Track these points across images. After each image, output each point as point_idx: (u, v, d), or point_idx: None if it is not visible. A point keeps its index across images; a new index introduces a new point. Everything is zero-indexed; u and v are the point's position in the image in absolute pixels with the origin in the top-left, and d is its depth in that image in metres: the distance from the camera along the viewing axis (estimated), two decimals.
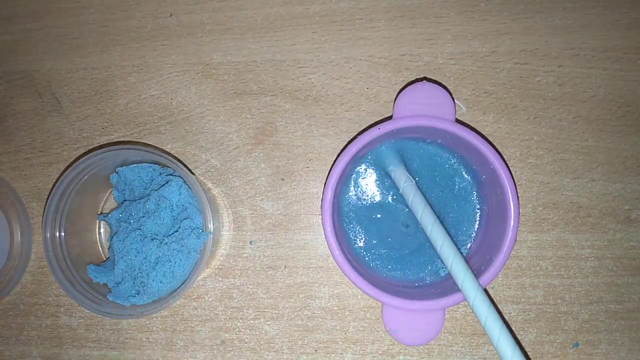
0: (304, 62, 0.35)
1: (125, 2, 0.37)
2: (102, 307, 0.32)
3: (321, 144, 0.35)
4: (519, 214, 0.29)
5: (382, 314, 0.30)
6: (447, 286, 0.30)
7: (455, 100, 0.34)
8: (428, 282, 0.32)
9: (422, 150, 0.32)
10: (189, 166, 0.36)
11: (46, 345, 0.36)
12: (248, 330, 0.35)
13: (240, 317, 0.35)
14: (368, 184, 0.33)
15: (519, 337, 0.33)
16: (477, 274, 0.29)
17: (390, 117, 0.32)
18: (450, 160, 0.32)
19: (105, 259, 0.36)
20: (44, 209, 0.32)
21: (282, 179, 0.35)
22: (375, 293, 0.29)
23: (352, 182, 0.33)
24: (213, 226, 0.31)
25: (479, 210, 0.32)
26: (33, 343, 0.36)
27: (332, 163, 0.35)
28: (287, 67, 0.35)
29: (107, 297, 0.33)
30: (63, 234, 0.33)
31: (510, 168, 0.34)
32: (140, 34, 0.37)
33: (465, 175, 0.32)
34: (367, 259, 0.32)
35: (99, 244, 0.37)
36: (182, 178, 0.33)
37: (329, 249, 0.29)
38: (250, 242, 0.35)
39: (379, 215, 0.33)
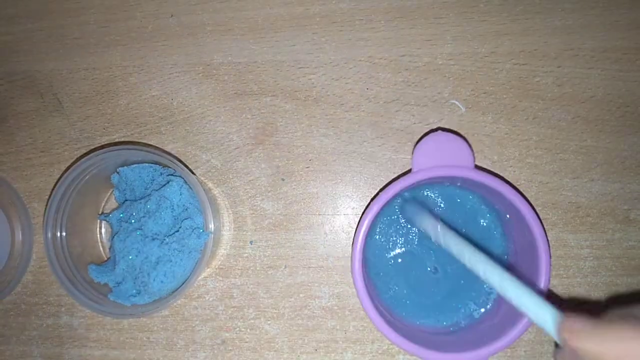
0: (304, 63, 0.36)
1: (126, 2, 0.37)
2: (103, 307, 0.32)
3: (321, 144, 0.35)
4: (550, 259, 0.28)
5: None
6: (484, 330, 0.30)
7: (455, 101, 0.34)
8: (463, 325, 0.32)
9: (442, 193, 0.32)
10: (190, 166, 0.36)
11: (47, 344, 0.36)
12: (248, 330, 0.35)
13: (240, 317, 0.35)
14: (392, 234, 0.32)
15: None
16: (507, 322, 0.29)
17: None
18: (472, 201, 0.32)
19: (106, 258, 0.36)
20: (45, 209, 0.32)
21: (283, 179, 0.35)
22: (420, 352, 0.28)
23: (377, 234, 0.33)
24: (214, 226, 0.31)
25: (505, 250, 0.32)
26: (34, 343, 0.36)
27: (332, 164, 0.35)
28: (287, 68, 0.36)
29: (108, 296, 0.33)
30: (64, 234, 0.33)
31: (509, 168, 0.34)
32: (141, 35, 0.37)
33: (488, 215, 0.32)
34: (398, 309, 0.32)
35: (100, 244, 0.37)
36: (183, 178, 0.33)
37: (362, 306, 0.29)
38: (251, 242, 0.35)
39: (406, 264, 0.32)
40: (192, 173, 0.35)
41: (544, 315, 0.23)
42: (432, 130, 0.34)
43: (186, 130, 0.36)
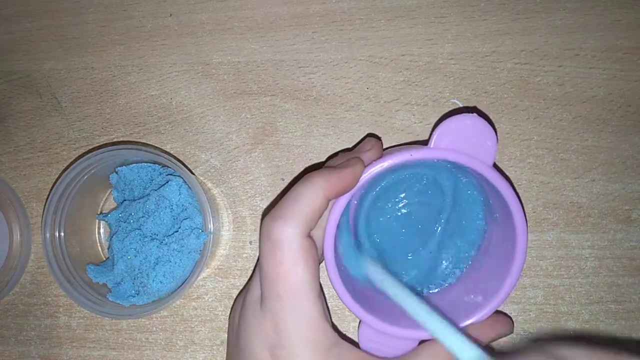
0: (304, 62, 0.35)
1: (125, 1, 0.37)
2: (101, 308, 0.32)
3: (321, 144, 0.35)
4: (523, 265, 0.28)
5: None
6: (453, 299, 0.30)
7: (455, 100, 0.34)
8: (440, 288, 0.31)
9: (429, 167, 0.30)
10: (189, 166, 0.36)
11: (45, 345, 0.36)
12: None
13: None
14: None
15: (519, 337, 0.33)
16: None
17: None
18: (461, 183, 0.30)
19: (104, 259, 0.36)
20: (44, 209, 0.32)
21: (282, 179, 0.35)
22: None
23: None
24: (213, 226, 0.31)
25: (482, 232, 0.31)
26: (32, 343, 0.36)
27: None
28: (287, 67, 0.35)
29: (107, 297, 0.33)
30: (62, 234, 0.33)
31: (510, 168, 0.34)
32: (140, 34, 0.37)
33: (479, 202, 0.30)
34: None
35: (98, 244, 0.37)
36: (182, 178, 0.33)
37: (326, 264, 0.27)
38: (250, 242, 0.35)
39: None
40: (192, 173, 0.35)
41: (466, 352, 0.22)
42: (466, 109, 0.33)
43: (185, 129, 0.36)
